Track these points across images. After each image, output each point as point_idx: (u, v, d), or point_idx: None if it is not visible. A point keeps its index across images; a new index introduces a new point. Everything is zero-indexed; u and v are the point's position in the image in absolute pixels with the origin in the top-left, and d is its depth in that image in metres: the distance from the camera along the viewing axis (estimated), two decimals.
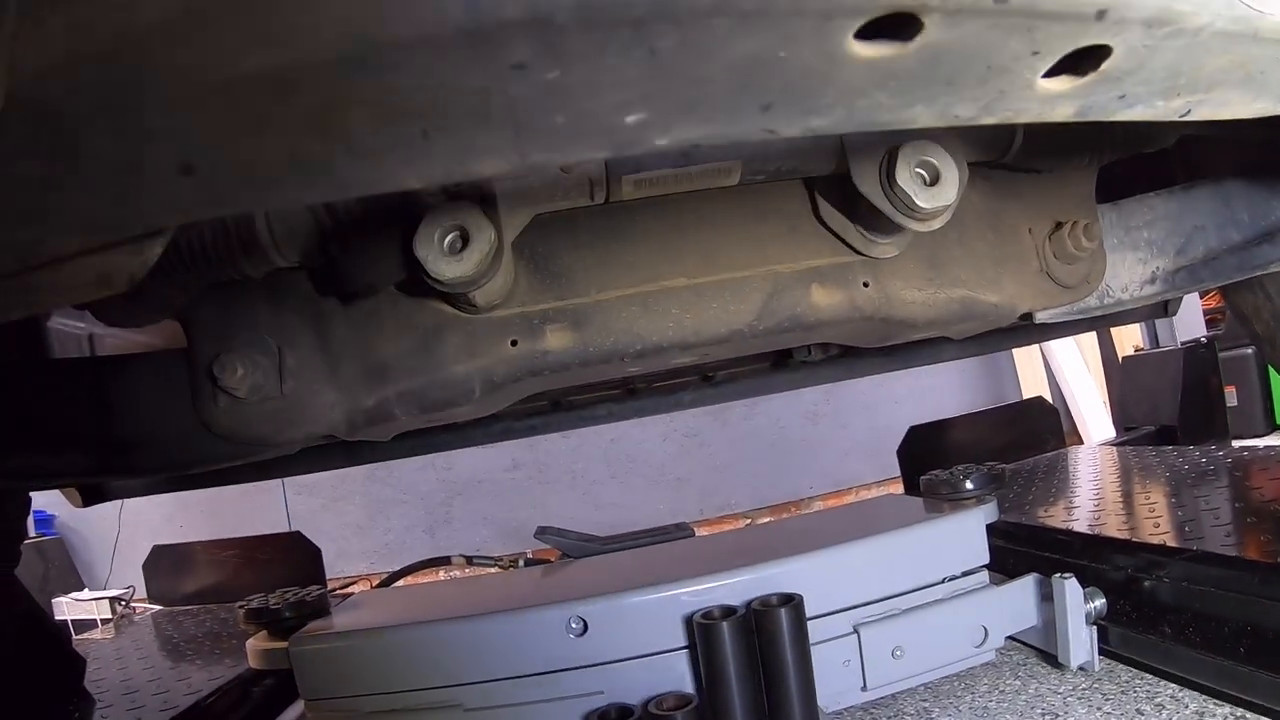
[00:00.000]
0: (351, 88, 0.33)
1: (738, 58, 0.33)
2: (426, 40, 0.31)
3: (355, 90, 0.33)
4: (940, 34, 0.34)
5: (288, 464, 1.87)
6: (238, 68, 0.31)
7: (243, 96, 0.33)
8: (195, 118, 0.33)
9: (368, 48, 0.31)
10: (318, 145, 0.36)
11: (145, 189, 0.38)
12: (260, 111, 0.33)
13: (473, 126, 0.36)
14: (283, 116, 0.34)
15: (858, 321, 1.19)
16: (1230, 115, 0.52)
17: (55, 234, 0.41)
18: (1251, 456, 2.14)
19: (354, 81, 0.33)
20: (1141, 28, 0.36)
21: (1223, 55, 0.43)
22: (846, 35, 0.34)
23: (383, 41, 0.31)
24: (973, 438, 2.81)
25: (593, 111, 0.36)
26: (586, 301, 1.14)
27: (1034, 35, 0.35)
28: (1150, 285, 1.39)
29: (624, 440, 5.49)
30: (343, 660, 1.39)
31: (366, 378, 1.15)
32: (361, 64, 0.32)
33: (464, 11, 0.30)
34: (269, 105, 0.33)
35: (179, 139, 0.35)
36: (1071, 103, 0.41)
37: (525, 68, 0.33)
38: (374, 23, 0.30)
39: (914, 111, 0.40)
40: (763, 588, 1.32)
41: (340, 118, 0.35)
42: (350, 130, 0.35)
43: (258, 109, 0.33)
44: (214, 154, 0.36)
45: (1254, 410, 4.67)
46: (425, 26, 0.30)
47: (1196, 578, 1.39)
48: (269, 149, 0.36)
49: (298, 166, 0.37)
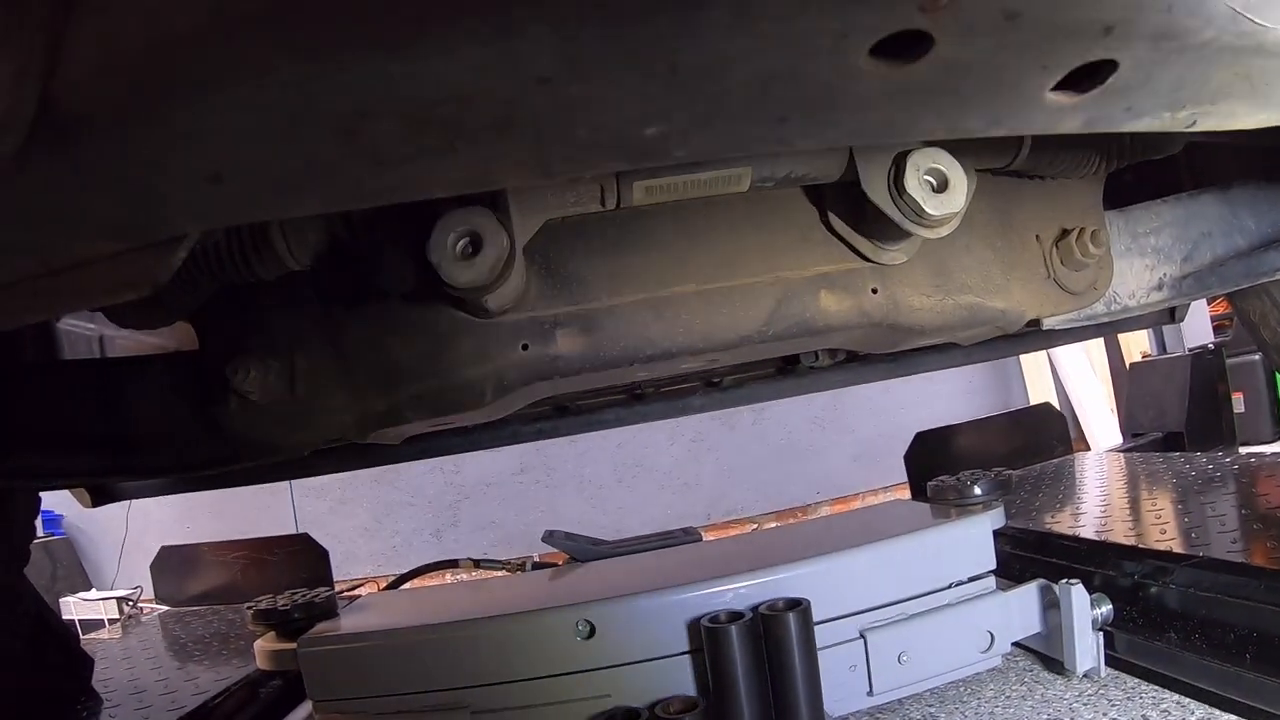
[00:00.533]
0: (379, 98, 0.34)
1: (755, 73, 0.34)
2: (453, 53, 0.31)
3: (382, 101, 0.34)
4: (951, 51, 0.35)
5: (297, 466, 1.87)
6: (266, 78, 0.32)
7: (271, 106, 0.33)
8: (224, 127, 0.34)
9: (395, 59, 0.31)
10: (344, 155, 0.36)
11: (173, 196, 0.38)
12: (288, 121, 0.34)
13: (498, 138, 0.36)
14: (310, 126, 0.35)
15: (866, 327, 1.19)
16: (1235, 126, 0.53)
17: (80, 238, 0.42)
18: (1258, 463, 2.14)
19: (381, 92, 0.34)
20: (1147, 43, 0.37)
21: (1227, 68, 0.44)
22: (861, 52, 0.34)
23: (410, 54, 0.31)
24: (980, 443, 2.81)
25: (614, 124, 0.36)
26: (597, 306, 1.15)
27: (1042, 51, 0.36)
28: (1157, 292, 1.39)
29: (631, 445, 5.49)
30: (351, 662, 1.40)
31: (378, 381, 1.15)
32: (389, 76, 0.32)
33: (492, 26, 0.30)
34: (297, 115, 0.34)
35: (208, 148, 0.35)
36: (1079, 115, 0.42)
37: (550, 81, 0.33)
38: (402, 35, 0.31)
39: (925, 124, 0.40)
40: (770, 592, 1.32)
41: (367, 128, 0.35)
42: (377, 140, 0.35)
43: (286, 119, 0.34)
44: (242, 163, 0.36)
45: (1261, 416, 4.66)
46: (451, 40, 0.31)
47: (1203, 584, 1.39)
48: (296, 158, 0.37)
49: (324, 175, 0.38)
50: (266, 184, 0.39)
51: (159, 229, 0.42)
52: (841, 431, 5.81)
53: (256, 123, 0.34)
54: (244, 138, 0.35)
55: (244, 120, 0.34)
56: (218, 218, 0.42)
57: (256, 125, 0.34)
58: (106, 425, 1.26)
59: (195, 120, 0.34)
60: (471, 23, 0.30)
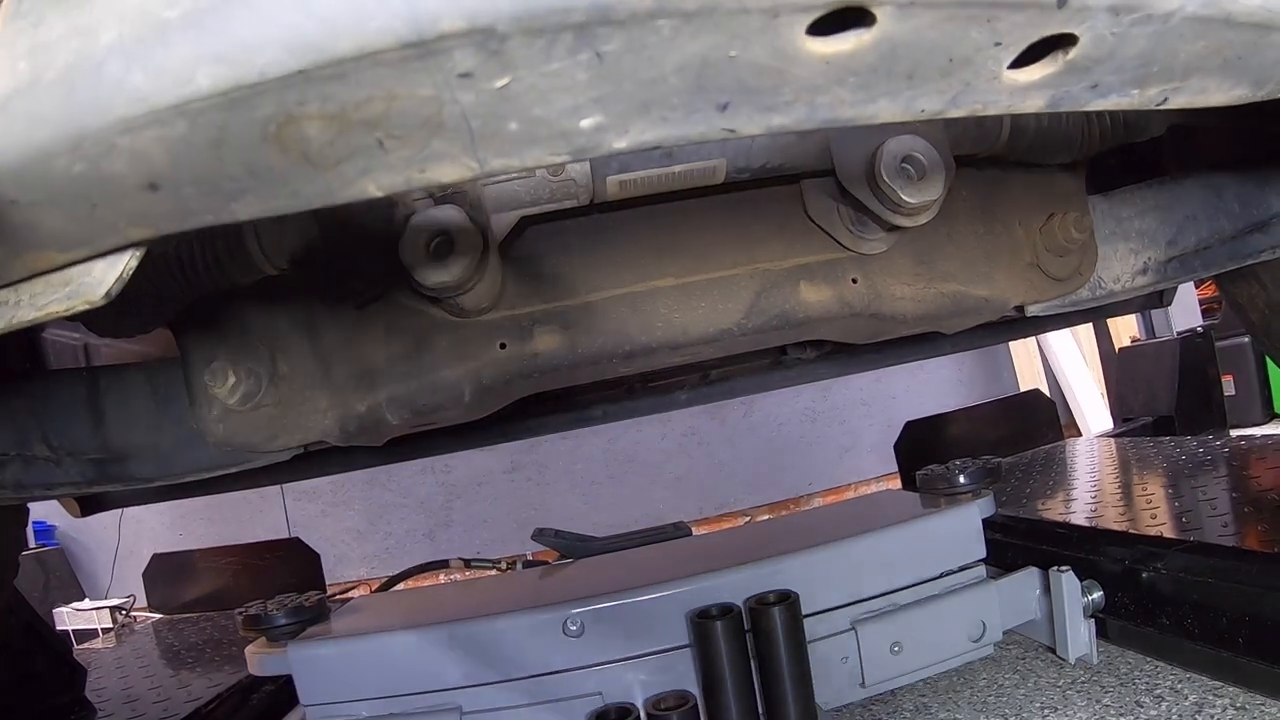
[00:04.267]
0: (303, 103, 0.34)
1: (687, 58, 0.33)
2: (371, 53, 0.31)
3: (307, 104, 0.34)
4: (895, 26, 0.34)
5: (286, 470, 1.86)
6: (191, 86, 0.32)
7: (198, 115, 0.33)
8: (155, 136, 0.34)
9: (315, 62, 0.31)
10: (276, 159, 0.36)
11: (114, 206, 0.38)
12: (217, 130, 0.34)
13: (428, 135, 0.36)
14: (239, 132, 0.34)
15: (847, 318, 1.18)
16: (1209, 103, 0.52)
17: (25, 249, 0.41)
18: (1248, 446, 2.14)
19: (305, 95, 0.33)
20: (1107, 14, 0.36)
21: (1196, 41, 0.43)
22: (798, 32, 0.33)
23: (329, 56, 0.31)
24: (970, 432, 2.81)
25: (545, 117, 0.36)
26: (575, 303, 1.14)
27: (994, 26, 0.35)
28: (1142, 276, 1.39)
29: (622, 440, 5.49)
30: (342, 665, 1.39)
31: (357, 383, 1.15)
32: (311, 78, 0.32)
33: (405, 24, 0.30)
34: (224, 123, 0.34)
35: (141, 157, 0.35)
36: (1042, 93, 0.41)
37: (472, 75, 0.33)
38: (320, 38, 0.31)
39: (877, 106, 0.39)
40: (760, 585, 1.32)
41: (295, 131, 0.35)
42: (307, 144, 0.35)
43: (214, 127, 0.34)
44: (176, 170, 0.36)
45: (1252, 399, 4.67)
46: (369, 39, 0.30)
47: (1194, 569, 1.39)
48: (228, 164, 0.36)
49: (258, 179, 0.37)
50: (203, 190, 0.39)
51: (102, 238, 0.42)
52: (832, 423, 5.81)
53: (185, 131, 0.34)
54: (174, 147, 0.34)
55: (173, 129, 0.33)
56: (160, 224, 0.42)
57: (185, 134, 0.34)
58: (91, 435, 1.25)
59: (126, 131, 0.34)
60: (386, 21, 0.30)
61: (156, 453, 1.26)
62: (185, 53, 0.33)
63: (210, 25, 0.32)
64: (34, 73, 0.34)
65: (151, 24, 0.33)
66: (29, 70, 0.34)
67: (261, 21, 0.32)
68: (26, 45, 0.35)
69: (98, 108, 0.33)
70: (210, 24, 0.32)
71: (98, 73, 0.33)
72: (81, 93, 0.34)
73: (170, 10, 0.33)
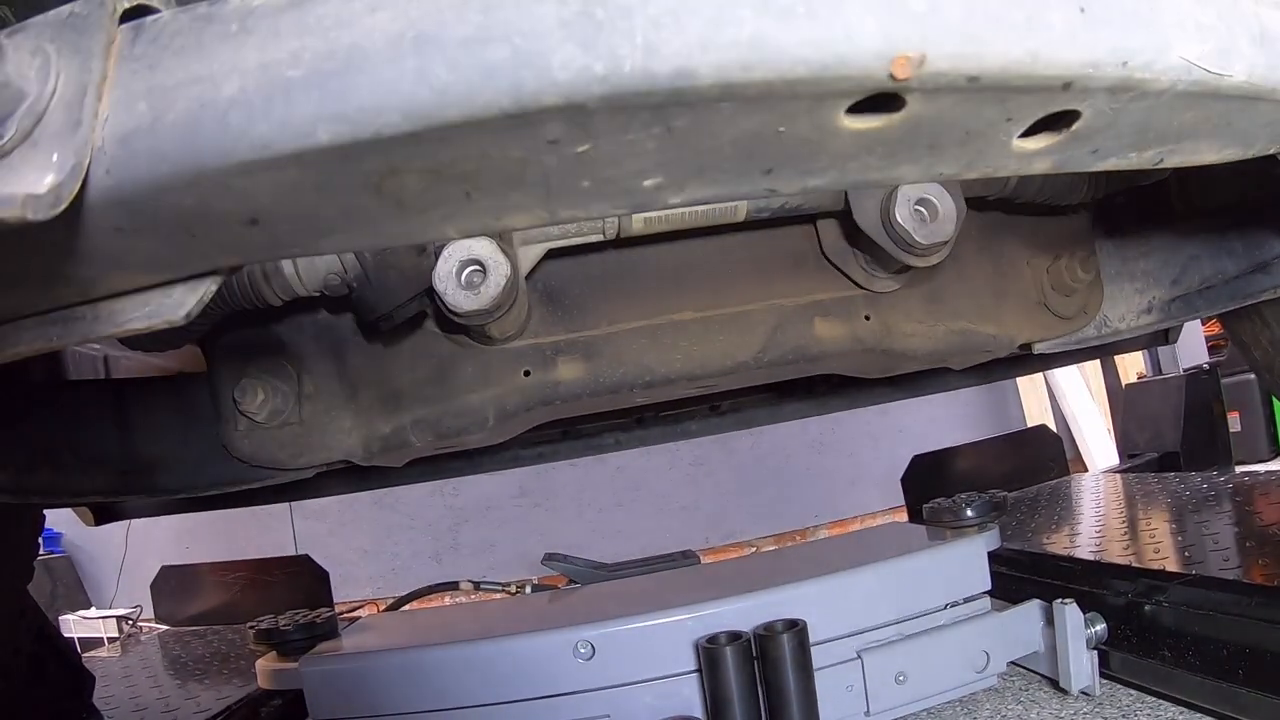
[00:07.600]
0: (408, 159, 0.38)
1: (742, 133, 0.38)
2: (477, 122, 0.35)
3: (411, 161, 0.38)
4: (921, 108, 0.39)
5: (303, 487, 1.89)
6: (311, 140, 0.36)
7: (311, 163, 0.37)
8: (267, 181, 0.38)
9: (426, 126, 0.36)
10: (372, 203, 0.40)
11: (212, 237, 0.42)
12: (325, 176, 0.38)
13: (510, 188, 0.40)
14: (345, 181, 0.39)
15: (859, 353, 1.22)
16: (1202, 161, 0.56)
17: (121, 271, 0.45)
18: (1252, 481, 2.15)
19: (412, 153, 0.38)
20: (1106, 94, 0.40)
21: (1187, 112, 0.47)
22: (838, 112, 0.38)
23: (439, 122, 0.36)
24: (976, 466, 2.82)
25: (614, 177, 0.40)
26: (597, 334, 1.18)
27: (1006, 105, 0.40)
28: (1147, 315, 1.42)
29: (630, 468, 5.50)
30: (353, 682, 1.41)
31: (383, 405, 1.18)
32: (420, 139, 0.36)
33: (509, 99, 0.35)
34: (333, 171, 0.38)
35: (249, 196, 0.39)
36: (1047, 158, 0.45)
37: (558, 143, 0.37)
38: (433, 106, 0.35)
39: (900, 171, 0.44)
40: (767, 613, 1.34)
41: (395, 182, 0.39)
42: (403, 192, 0.40)
43: (323, 174, 0.38)
44: (277, 209, 0.40)
45: (1257, 435, 4.67)
46: (476, 110, 0.35)
47: (1196, 602, 1.40)
48: (327, 205, 0.41)
49: (350, 220, 0.42)
50: (299, 228, 0.43)
51: (196, 265, 0.46)
52: (839, 455, 5.81)
53: (296, 177, 0.38)
54: (283, 191, 0.39)
55: (285, 175, 0.38)
56: (252, 255, 0.46)
57: (296, 180, 0.38)
58: (119, 446, 1.28)
59: (241, 175, 0.38)
60: (493, 97, 0.35)
61: (181, 465, 1.29)
62: (307, 110, 0.37)
63: (333, 88, 0.36)
64: (154, 114, 0.38)
65: (275, 80, 0.37)
66: (148, 111, 0.38)
67: (382, 88, 0.36)
68: (143, 87, 0.39)
69: (220, 151, 0.37)
70: (333, 86, 0.36)
71: (222, 120, 0.37)
72: (204, 137, 0.38)
73: (294, 70, 0.37)
